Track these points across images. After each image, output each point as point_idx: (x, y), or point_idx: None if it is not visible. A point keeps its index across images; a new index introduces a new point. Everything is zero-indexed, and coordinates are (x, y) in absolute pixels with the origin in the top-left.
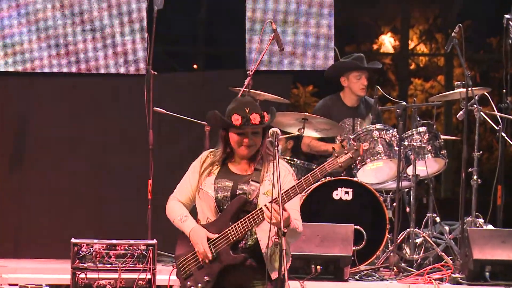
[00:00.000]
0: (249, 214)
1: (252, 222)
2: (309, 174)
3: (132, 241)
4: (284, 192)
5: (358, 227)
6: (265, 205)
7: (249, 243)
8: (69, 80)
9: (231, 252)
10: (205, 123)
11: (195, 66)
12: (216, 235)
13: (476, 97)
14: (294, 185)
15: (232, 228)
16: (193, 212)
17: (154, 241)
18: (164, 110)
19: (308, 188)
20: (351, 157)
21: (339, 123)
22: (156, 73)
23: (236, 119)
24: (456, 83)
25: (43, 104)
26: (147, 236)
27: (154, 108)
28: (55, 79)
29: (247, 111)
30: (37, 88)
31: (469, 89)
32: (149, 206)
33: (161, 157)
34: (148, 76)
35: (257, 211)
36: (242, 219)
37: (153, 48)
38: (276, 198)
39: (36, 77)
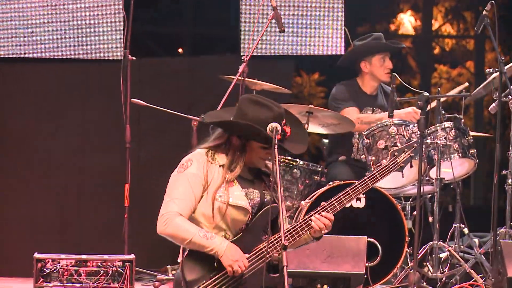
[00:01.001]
0: (291, 227)
1: (295, 235)
2: (366, 177)
3: (105, 256)
4: (334, 200)
5: (372, 239)
6: (314, 215)
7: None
8: (31, 67)
9: (267, 272)
10: (193, 117)
11: (180, 50)
12: (247, 255)
13: None
14: (347, 190)
15: (268, 244)
16: None
17: (132, 256)
18: (143, 102)
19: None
20: (411, 156)
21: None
22: (134, 58)
23: (277, 136)
24: (488, 70)
25: (1, 95)
26: (124, 250)
27: (132, 99)
28: (15, 65)
29: (283, 124)
30: None
31: (504, 77)
32: (125, 215)
33: (140, 157)
34: (125, 62)
35: (301, 222)
36: (280, 233)
37: (131, 29)
38: (324, 205)
39: None
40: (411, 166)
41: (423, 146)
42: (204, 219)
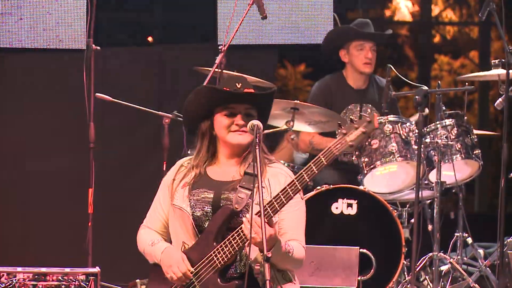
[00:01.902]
0: (238, 229)
1: (244, 239)
2: (310, 163)
3: (67, 269)
4: (274, 199)
5: (364, 250)
6: (245, 217)
7: (239, 268)
8: None
9: (219, 280)
10: (164, 114)
11: (149, 39)
12: (199, 263)
13: None
14: (286, 187)
15: (217, 250)
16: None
17: (97, 269)
18: (109, 97)
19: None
20: (364, 132)
21: (343, 110)
22: (99, 48)
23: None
24: (494, 61)
25: None
26: (87, 262)
27: (97, 94)
28: None
29: (239, 86)
30: None
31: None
32: (89, 223)
33: (106, 158)
34: (88, 53)
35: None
36: (229, 237)
37: (95, 16)
38: (259, 210)
39: None
40: (370, 145)
41: (422, 146)
42: (170, 229)
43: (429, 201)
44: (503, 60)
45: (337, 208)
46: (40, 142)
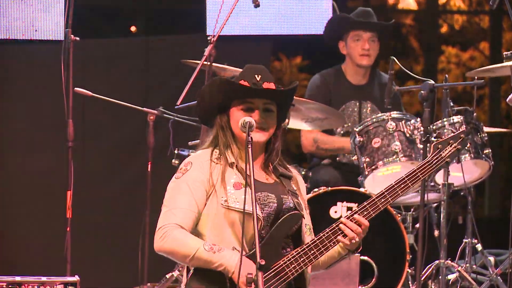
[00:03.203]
0: (317, 238)
1: (323, 249)
2: (405, 177)
3: (44, 278)
4: (369, 204)
5: (366, 257)
6: (345, 219)
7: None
8: None
9: None
10: (149, 110)
11: (133, 29)
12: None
13: None
14: (383, 192)
15: (289, 259)
16: None
17: (76, 277)
18: (89, 92)
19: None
20: (458, 149)
21: (340, 107)
22: (78, 39)
23: (243, 83)
24: (506, 53)
25: None
26: (66, 270)
27: (76, 88)
28: None
29: (258, 79)
30: None
31: None
32: (68, 228)
33: (86, 158)
34: (66, 44)
35: (328, 231)
36: (306, 246)
37: (74, 4)
38: (358, 209)
39: None
40: (458, 162)
41: (428, 145)
42: (210, 231)
43: (435, 204)
44: None
45: (336, 212)
46: (15, 141)
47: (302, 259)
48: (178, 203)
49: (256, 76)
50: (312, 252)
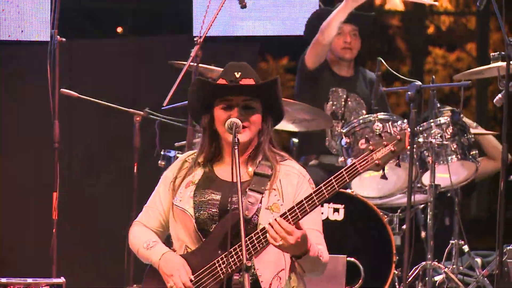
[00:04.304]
0: (248, 238)
1: (251, 249)
2: (332, 178)
3: (30, 280)
4: (296, 206)
5: (352, 259)
6: (269, 223)
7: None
8: None
9: None
10: (135, 111)
11: (119, 29)
12: (200, 270)
13: None
14: (311, 194)
15: (222, 259)
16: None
17: (62, 279)
18: (75, 93)
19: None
20: (393, 151)
21: (328, 93)
22: (64, 39)
23: (220, 81)
24: (493, 54)
25: None
26: (51, 272)
27: (62, 90)
28: None
29: (238, 76)
30: None
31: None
32: (54, 230)
33: (72, 159)
34: (53, 45)
35: (258, 233)
36: (236, 246)
37: (60, 5)
38: (286, 211)
39: None
40: (398, 165)
41: (414, 146)
42: (171, 230)
43: (422, 205)
44: (503, 52)
45: (322, 213)
46: (1, 142)
47: (232, 259)
48: (149, 201)
49: (236, 73)
50: (242, 252)
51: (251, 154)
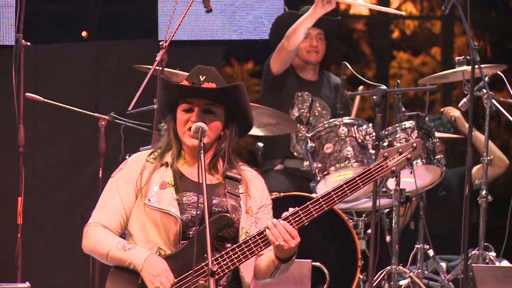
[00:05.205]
0: (243, 241)
1: (248, 253)
2: (343, 183)
3: None
4: (301, 210)
5: (317, 263)
6: (272, 223)
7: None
8: None
9: None
10: (100, 115)
11: (84, 33)
12: (183, 274)
13: (487, 78)
14: (319, 199)
15: (212, 261)
16: None
17: (27, 284)
18: (40, 97)
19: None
20: (408, 158)
21: (293, 96)
22: (29, 44)
23: (182, 83)
24: (458, 58)
25: None
26: (16, 277)
27: (27, 94)
28: None
29: (202, 79)
30: None
31: (476, 66)
32: (18, 235)
33: (37, 164)
34: (17, 49)
35: (255, 235)
36: (228, 250)
37: (25, 8)
38: (289, 215)
39: None
40: (411, 172)
41: (379, 150)
42: (137, 231)
43: (387, 210)
44: (467, 57)
45: None
46: None
47: (225, 262)
48: (106, 202)
49: (200, 76)
50: (236, 255)
51: (212, 159)
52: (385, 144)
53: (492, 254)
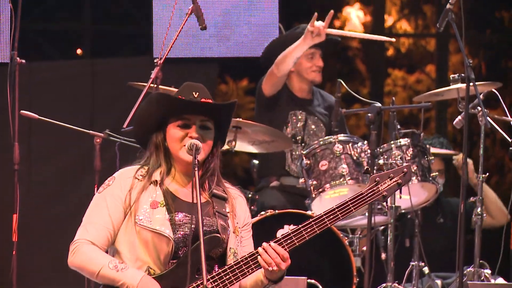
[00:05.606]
0: (235, 262)
1: (239, 274)
2: (335, 207)
3: None
4: (293, 233)
5: (312, 281)
6: (263, 247)
7: None
8: None
9: None
10: (95, 133)
11: (79, 51)
12: None
13: (481, 96)
14: (310, 222)
15: (201, 284)
16: None
17: None
18: (35, 115)
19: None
20: (399, 183)
21: (288, 115)
22: (24, 61)
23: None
24: (453, 75)
25: None
26: None
27: (22, 111)
28: None
29: (196, 95)
30: None
31: (471, 84)
32: (14, 252)
33: (32, 181)
34: (12, 67)
35: (247, 256)
36: (222, 271)
37: (20, 26)
38: (281, 238)
39: None
40: (400, 197)
41: (375, 168)
42: (126, 249)
43: (382, 227)
44: (462, 74)
45: (283, 235)
46: None
47: (216, 283)
48: (94, 218)
49: (194, 93)
50: (228, 276)
51: (201, 177)
52: (380, 161)
53: (488, 271)
